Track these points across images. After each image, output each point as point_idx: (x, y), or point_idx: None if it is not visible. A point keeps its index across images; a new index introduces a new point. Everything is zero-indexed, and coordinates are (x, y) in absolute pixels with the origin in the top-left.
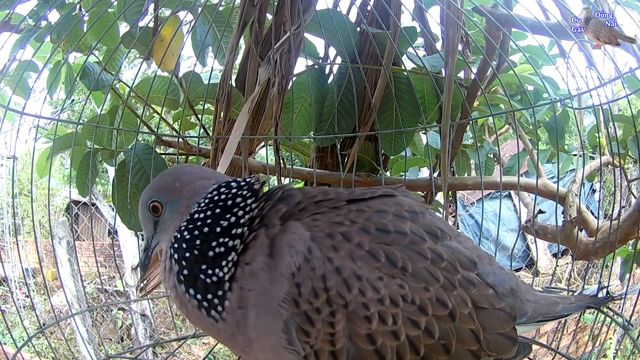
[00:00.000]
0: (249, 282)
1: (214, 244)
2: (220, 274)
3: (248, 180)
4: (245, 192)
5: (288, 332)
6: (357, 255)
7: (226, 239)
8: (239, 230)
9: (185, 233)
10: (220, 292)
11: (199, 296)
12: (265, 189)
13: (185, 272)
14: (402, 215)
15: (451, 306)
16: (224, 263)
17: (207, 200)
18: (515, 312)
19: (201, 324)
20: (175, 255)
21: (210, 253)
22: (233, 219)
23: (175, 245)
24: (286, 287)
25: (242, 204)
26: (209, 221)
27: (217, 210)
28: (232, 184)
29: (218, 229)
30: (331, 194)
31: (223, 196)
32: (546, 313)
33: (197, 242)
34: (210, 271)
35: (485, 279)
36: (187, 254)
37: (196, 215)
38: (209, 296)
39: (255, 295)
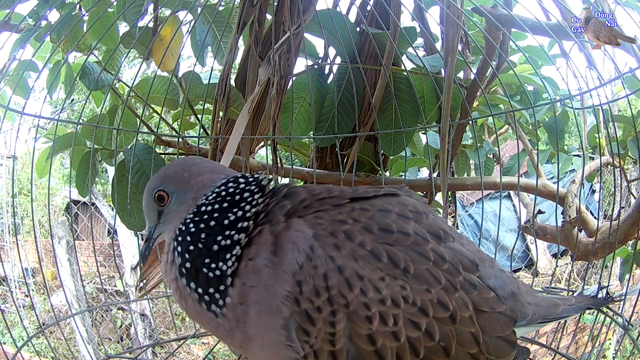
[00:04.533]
0: (252, 278)
1: (219, 237)
2: (224, 268)
3: (256, 176)
4: (253, 188)
5: (287, 330)
6: (359, 255)
7: (232, 232)
8: (245, 224)
9: (191, 225)
10: (222, 287)
11: (200, 290)
12: (271, 185)
13: (188, 265)
14: (406, 216)
15: (452, 308)
16: (228, 256)
17: (214, 195)
18: (515, 315)
19: (200, 318)
20: (179, 248)
21: (215, 247)
22: (240, 212)
23: (179, 238)
24: (289, 284)
25: (249, 199)
26: (215, 214)
27: (225, 205)
28: (241, 179)
29: (225, 222)
30: (335, 191)
31: (231, 190)
32: (547, 315)
33: (203, 235)
34: (213, 265)
35: (486, 281)
36: (191, 247)
37: (203, 208)
38: (211, 290)
39: (257, 292)
